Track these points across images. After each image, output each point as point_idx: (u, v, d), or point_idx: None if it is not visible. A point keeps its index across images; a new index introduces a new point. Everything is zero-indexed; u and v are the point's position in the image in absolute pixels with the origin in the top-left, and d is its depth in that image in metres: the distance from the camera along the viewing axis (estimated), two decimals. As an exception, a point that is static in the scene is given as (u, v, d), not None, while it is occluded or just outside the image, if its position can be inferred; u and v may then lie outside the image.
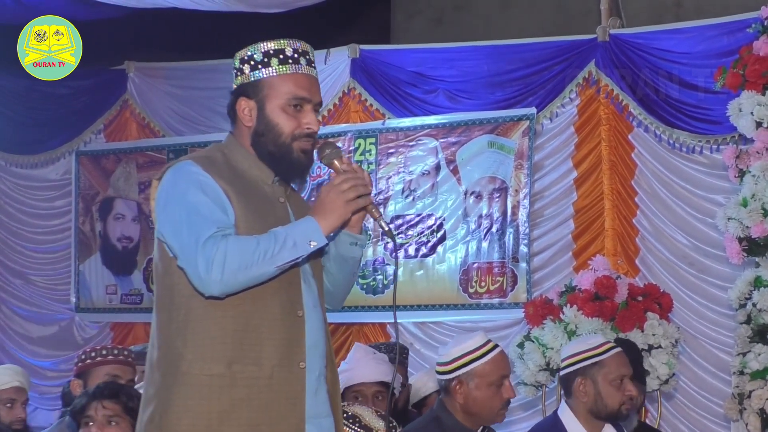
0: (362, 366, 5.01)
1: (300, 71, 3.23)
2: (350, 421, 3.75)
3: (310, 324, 3.19)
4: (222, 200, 3.10)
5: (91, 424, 4.04)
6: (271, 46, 3.22)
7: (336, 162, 3.22)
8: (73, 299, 8.78)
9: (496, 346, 4.47)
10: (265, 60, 3.20)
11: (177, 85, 8.71)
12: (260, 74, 3.21)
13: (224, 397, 3.05)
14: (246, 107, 3.22)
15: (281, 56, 3.21)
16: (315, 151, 3.25)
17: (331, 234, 3.15)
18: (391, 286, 7.65)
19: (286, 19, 7.32)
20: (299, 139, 3.21)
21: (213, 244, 2.98)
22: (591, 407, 4.70)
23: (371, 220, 3.35)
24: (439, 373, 4.47)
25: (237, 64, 3.24)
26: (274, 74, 3.20)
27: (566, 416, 4.72)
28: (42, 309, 9.00)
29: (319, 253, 3.28)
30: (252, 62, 3.21)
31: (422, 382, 5.66)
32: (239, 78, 3.24)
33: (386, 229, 3.23)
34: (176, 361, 3.09)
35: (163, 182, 3.17)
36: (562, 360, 4.86)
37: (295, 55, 3.23)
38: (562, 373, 4.82)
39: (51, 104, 8.89)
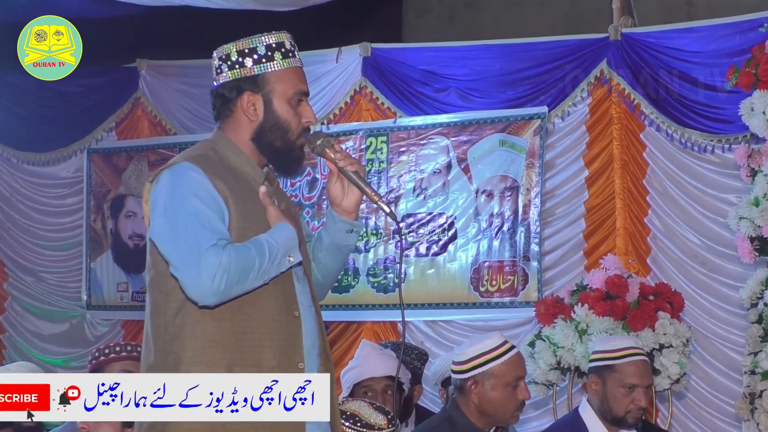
0: (370, 362, 5.07)
1: (298, 64, 3.24)
2: (351, 421, 3.74)
3: (307, 324, 3.17)
4: (220, 206, 3.07)
5: None
6: (272, 39, 3.19)
7: (328, 151, 3.23)
8: (85, 297, 8.78)
9: (513, 347, 4.48)
10: (269, 53, 3.17)
11: (189, 83, 8.71)
12: (266, 68, 3.18)
13: None
14: (251, 101, 3.19)
15: (283, 50, 3.19)
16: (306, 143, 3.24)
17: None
18: (403, 285, 7.64)
19: (298, 17, 7.32)
20: (300, 136, 3.21)
21: (215, 256, 2.96)
22: (599, 408, 4.72)
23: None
24: (454, 372, 4.49)
25: (235, 57, 3.18)
26: (279, 68, 3.18)
27: (586, 413, 4.74)
28: (53, 306, 9.00)
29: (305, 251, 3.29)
30: (255, 55, 3.17)
31: (448, 362, 5.67)
32: (237, 71, 3.18)
33: (387, 211, 3.24)
34: (175, 365, 3.07)
35: (159, 185, 3.12)
36: (591, 353, 4.93)
37: (293, 48, 3.23)
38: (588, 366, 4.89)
39: (62, 102, 8.89)
